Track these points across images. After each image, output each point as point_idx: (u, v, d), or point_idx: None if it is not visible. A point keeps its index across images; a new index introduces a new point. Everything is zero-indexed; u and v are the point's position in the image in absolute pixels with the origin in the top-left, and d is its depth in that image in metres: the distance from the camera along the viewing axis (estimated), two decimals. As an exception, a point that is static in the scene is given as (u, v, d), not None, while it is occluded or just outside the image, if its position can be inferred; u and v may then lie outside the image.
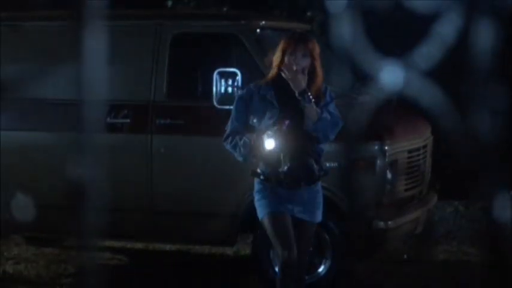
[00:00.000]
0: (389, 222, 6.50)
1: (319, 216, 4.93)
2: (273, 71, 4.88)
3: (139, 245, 8.30)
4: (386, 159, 6.46)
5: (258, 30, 6.82)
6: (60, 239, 8.11)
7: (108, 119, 6.81)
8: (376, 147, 6.42)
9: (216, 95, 6.48)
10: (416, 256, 7.77)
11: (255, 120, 4.82)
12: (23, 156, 7.14)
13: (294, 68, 4.74)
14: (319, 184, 4.93)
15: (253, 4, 10.33)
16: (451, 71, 5.82)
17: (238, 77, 6.40)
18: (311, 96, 4.68)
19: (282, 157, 4.72)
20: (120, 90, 6.82)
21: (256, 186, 4.92)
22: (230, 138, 4.90)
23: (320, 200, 4.93)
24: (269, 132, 4.65)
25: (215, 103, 6.49)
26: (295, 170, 4.75)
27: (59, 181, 6.55)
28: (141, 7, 8.12)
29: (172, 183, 6.86)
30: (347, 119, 5.33)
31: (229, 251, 8.05)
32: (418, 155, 7.05)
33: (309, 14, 10.68)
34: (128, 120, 6.92)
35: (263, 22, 7.03)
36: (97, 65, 1.14)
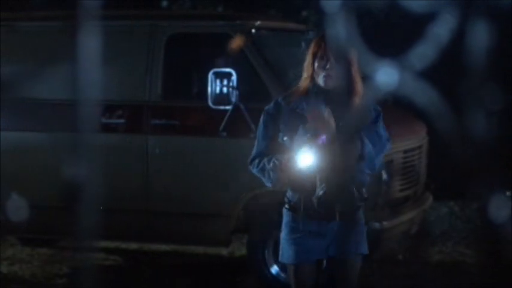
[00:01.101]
0: (385, 223, 6.50)
1: (362, 247, 4.16)
2: (304, 82, 4.13)
3: (134, 246, 8.29)
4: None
5: (253, 30, 6.81)
6: (55, 239, 8.11)
7: (103, 119, 6.80)
8: (372, 148, 6.42)
9: (211, 95, 6.47)
10: (411, 257, 7.78)
11: (285, 138, 4.07)
12: (17, 157, 7.12)
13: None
14: (360, 213, 4.19)
15: (248, 4, 10.33)
16: (446, 71, 5.82)
17: (234, 77, 6.40)
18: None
19: (317, 179, 3.98)
20: (115, 91, 6.81)
21: (285, 217, 4.17)
22: (257, 161, 4.13)
23: (361, 228, 4.19)
24: (305, 148, 3.90)
25: (210, 103, 6.49)
26: (332, 196, 3.99)
27: (53, 182, 6.55)
28: (136, 7, 8.12)
29: (168, 183, 6.85)
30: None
31: (224, 251, 8.05)
32: (413, 156, 7.06)
33: (304, 13, 10.68)
34: (123, 121, 6.92)
35: (258, 22, 7.03)
36: (92, 66, 1.14)
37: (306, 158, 3.87)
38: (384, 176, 6.49)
